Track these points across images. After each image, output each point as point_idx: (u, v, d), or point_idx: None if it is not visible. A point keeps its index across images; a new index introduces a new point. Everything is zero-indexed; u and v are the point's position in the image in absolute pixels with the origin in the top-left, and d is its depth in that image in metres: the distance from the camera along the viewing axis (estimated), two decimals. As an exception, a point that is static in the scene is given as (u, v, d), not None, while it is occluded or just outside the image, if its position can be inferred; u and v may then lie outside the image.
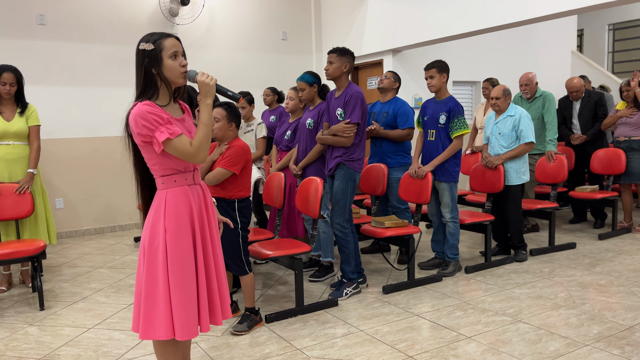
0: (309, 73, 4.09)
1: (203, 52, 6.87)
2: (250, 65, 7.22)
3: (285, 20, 7.46)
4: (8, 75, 3.95)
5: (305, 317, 3.44)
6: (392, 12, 6.41)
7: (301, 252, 3.44)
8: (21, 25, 5.76)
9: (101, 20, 6.19)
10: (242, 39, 7.15)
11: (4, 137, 3.96)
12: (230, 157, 3.07)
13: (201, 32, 6.83)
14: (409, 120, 4.49)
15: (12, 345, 3.08)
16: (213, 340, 3.10)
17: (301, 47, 7.62)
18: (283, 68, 7.47)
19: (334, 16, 7.44)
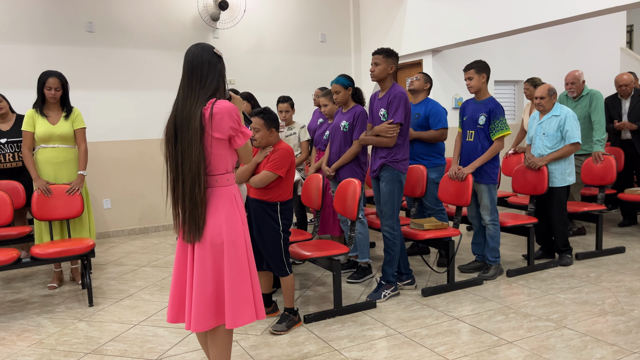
0: (343, 76, 4.10)
1: (243, 56, 6.99)
2: (289, 68, 7.29)
3: (323, 22, 7.50)
4: (53, 80, 4.13)
5: (344, 318, 3.45)
6: (432, 12, 6.34)
7: (339, 253, 3.46)
8: (72, 33, 6.02)
9: (146, 26, 6.39)
10: (281, 42, 7.23)
11: (49, 140, 4.13)
12: (276, 160, 3.12)
13: (241, 36, 6.95)
14: (441, 120, 4.44)
15: (62, 340, 3.23)
16: (253, 339, 3.15)
17: (340, 49, 7.64)
18: (322, 70, 7.50)
19: (372, 17, 7.42)
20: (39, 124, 4.10)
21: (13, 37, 5.76)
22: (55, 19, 5.93)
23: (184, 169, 2.16)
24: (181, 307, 2.30)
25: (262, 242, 3.19)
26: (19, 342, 3.21)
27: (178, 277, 2.29)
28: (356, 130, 4.02)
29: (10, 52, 5.75)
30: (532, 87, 5.65)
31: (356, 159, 4.07)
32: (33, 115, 4.11)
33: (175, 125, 2.18)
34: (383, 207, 3.72)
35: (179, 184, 2.19)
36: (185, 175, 2.16)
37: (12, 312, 3.74)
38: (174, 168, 2.20)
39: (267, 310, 3.49)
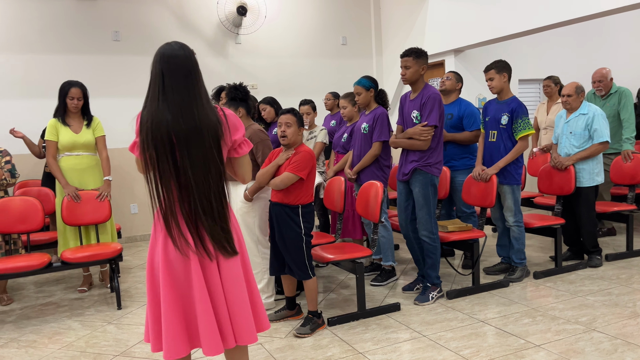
0: (366, 77, 4.10)
1: (264, 60, 7.04)
2: (310, 71, 7.32)
3: (344, 25, 7.50)
4: (76, 90, 4.23)
5: (367, 321, 3.44)
6: (454, 12, 6.29)
7: (362, 256, 3.46)
8: (98, 42, 6.16)
9: (169, 34, 6.50)
10: (302, 45, 7.27)
11: (73, 148, 4.24)
12: (298, 162, 3.14)
13: (263, 40, 7.01)
14: (476, 121, 4.39)
15: (92, 342, 3.30)
16: (277, 342, 3.17)
17: (361, 51, 7.63)
18: (343, 73, 7.51)
19: (393, 18, 7.40)
20: (62, 133, 4.20)
21: (42, 48, 5.92)
22: (82, 28, 6.09)
23: (200, 181, 1.96)
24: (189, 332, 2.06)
25: (284, 246, 3.21)
26: (50, 344, 3.30)
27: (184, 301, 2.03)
28: (376, 132, 4.01)
29: (40, 62, 5.92)
30: (553, 84, 5.54)
31: (377, 161, 4.06)
32: (56, 125, 4.22)
33: (174, 135, 1.93)
34: (419, 213, 3.68)
35: (195, 200, 1.95)
36: (204, 189, 1.96)
37: (43, 315, 3.85)
38: (182, 182, 1.96)
39: (291, 313, 3.51)
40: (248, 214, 3.60)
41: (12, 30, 5.79)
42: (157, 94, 1.96)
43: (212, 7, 6.67)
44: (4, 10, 5.74)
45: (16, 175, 4.14)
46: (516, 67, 6.68)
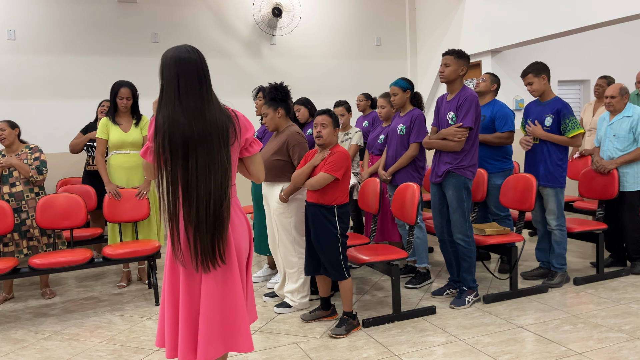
0: (402, 79, 4.09)
1: (299, 61, 7.08)
2: (344, 72, 7.32)
3: (379, 25, 7.48)
4: (125, 90, 4.34)
5: (403, 323, 3.42)
6: (491, 11, 6.19)
7: (398, 258, 3.44)
8: (138, 43, 6.31)
9: (206, 36, 6.61)
10: (336, 46, 7.28)
11: (122, 146, 4.35)
12: (334, 163, 3.14)
13: (297, 41, 7.05)
14: (508, 123, 4.31)
15: (132, 337, 3.38)
16: (312, 341, 3.18)
17: (395, 52, 7.59)
18: (377, 73, 7.48)
19: (429, 19, 7.33)
20: (112, 131, 4.32)
21: (84, 49, 6.10)
22: (123, 31, 6.24)
23: (203, 189, 1.92)
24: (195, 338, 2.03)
25: (320, 246, 3.22)
26: (93, 337, 3.40)
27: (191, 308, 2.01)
28: (413, 133, 3.99)
29: (81, 64, 6.10)
30: (607, 84, 5.37)
31: (413, 163, 4.03)
32: (107, 124, 4.34)
33: (190, 138, 1.92)
34: (453, 216, 3.64)
35: (193, 206, 1.92)
36: (205, 195, 1.92)
37: (85, 310, 3.96)
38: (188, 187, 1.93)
39: (325, 313, 3.52)
40: (284, 214, 3.63)
41: (56, 32, 5.98)
42: (173, 98, 1.94)
43: (248, 9, 6.75)
44: (48, 12, 5.94)
45: (43, 172, 4.23)
46: (555, 68, 6.54)
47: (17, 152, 4.24)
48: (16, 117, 5.81)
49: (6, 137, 4.16)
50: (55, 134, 5.92)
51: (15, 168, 4.14)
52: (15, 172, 4.16)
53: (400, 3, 7.57)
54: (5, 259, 3.74)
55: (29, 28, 5.88)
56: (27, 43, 5.88)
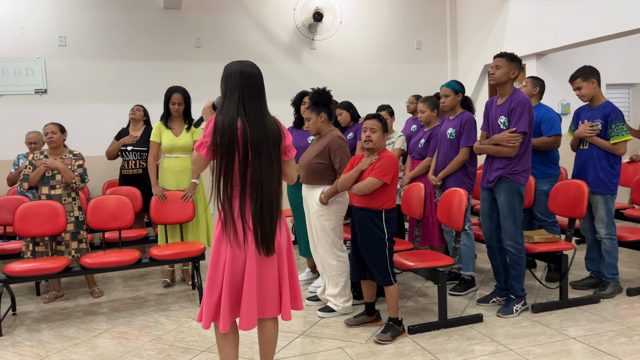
0: (455, 81, 4.04)
1: (339, 65, 7.09)
2: (384, 76, 7.29)
3: (419, 29, 7.42)
4: (177, 96, 4.44)
5: (449, 331, 3.37)
6: (537, 13, 6.06)
7: (444, 265, 3.39)
8: (181, 49, 6.45)
9: (248, 40, 6.69)
10: (376, 50, 7.26)
11: (172, 150, 4.44)
12: (382, 167, 3.13)
13: (337, 45, 7.06)
14: (554, 126, 4.20)
15: (179, 337, 3.44)
16: (357, 347, 3.16)
17: (436, 56, 7.52)
18: (417, 77, 7.43)
19: (471, 22, 7.23)
20: (164, 135, 4.42)
21: (130, 55, 6.27)
22: (167, 36, 6.39)
23: (265, 185, 2.25)
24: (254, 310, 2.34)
25: (367, 251, 3.21)
26: (141, 337, 3.47)
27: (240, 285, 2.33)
28: (463, 137, 3.92)
29: (127, 68, 6.27)
30: None
31: (464, 168, 3.97)
32: (160, 127, 4.45)
33: (251, 139, 2.23)
34: (503, 222, 3.57)
35: (258, 199, 2.25)
36: (267, 190, 2.26)
37: (132, 309, 4.05)
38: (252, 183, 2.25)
39: (370, 319, 3.50)
40: (323, 217, 3.63)
41: (104, 38, 6.17)
42: (236, 105, 2.25)
43: (289, 14, 6.81)
44: (96, 19, 6.13)
45: (86, 180, 4.32)
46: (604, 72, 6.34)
47: (60, 156, 4.35)
48: (66, 120, 6.01)
49: (55, 140, 4.29)
50: (102, 137, 6.09)
51: (58, 171, 4.25)
52: (58, 175, 4.26)
53: (441, 6, 7.50)
54: (58, 258, 3.87)
55: (78, 34, 6.08)
56: (77, 49, 6.08)
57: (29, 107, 5.94)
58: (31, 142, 5.05)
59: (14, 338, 3.52)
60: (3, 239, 4.85)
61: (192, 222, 4.50)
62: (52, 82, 6.01)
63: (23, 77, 5.90)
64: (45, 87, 5.98)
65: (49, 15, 5.97)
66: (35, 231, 4.04)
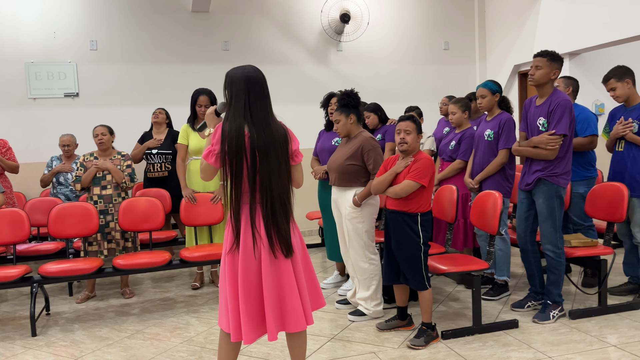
0: (492, 81, 3.96)
1: (365, 67, 7.05)
2: (411, 77, 7.22)
3: (446, 29, 7.33)
4: (203, 98, 4.46)
5: (484, 336, 3.29)
6: (569, 11, 5.92)
7: (479, 269, 3.32)
8: (209, 52, 6.49)
9: (275, 43, 6.70)
10: (403, 51, 7.19)
11: (199, 152, 4.45)
12: (420, 170, 3.09)
13: (363, 47, 7.02)
14: (590, 126, 4.08)
15: (210, 339, 3.44)
16: (390, 352, 3.12)
17: (464, 56, 7.42)
18: (445, 79, 7.34)
19: (500, 21, 7.11)
20: (191, 137, 4.45)
21: (159, 58, 6.34)
22: (195, 40, 6.44)
23: (275, 187, 2.24)
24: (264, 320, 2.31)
25: (401, 255, 3.16)
26: (172, 338, 3.48)
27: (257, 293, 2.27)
28: (502, 139, 3.84)
29: (157, 72, 6.33)
30: None
31: (502, 170, 3.88)
32: (187, 130, 4.48)
33: (258, 145, 2.22)
34: (542, 225, 3.48)
35: (269, 202, 2.24)
36: (277, 192, 2.25)
37: (163, 310, 4.07)
38: (262, 187, 2.23)
39: (402, 323, 3.45)
40: (356, 219, 3.60)
41: (133, 42, 6.25)
42: (242, 110, 2.24)
43: (315, 16, 6.80)
44: (126, 23, 6.22)
45: (135, 179, 4.42)
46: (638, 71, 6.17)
47: (110, 157, 4.43)
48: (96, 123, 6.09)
49: (105, 142, 4.37)
50: (132, 140, 6.15)
51: (109, 172, 4.33)
52: (108, 175, 4.34)
53: (469, 6, 7.39)
54: (91, 259, 3.91)
55: (109, 38, 6.17)
56: (107, 52, 6.17)
57: (61, 110, 6.05)
58: (64, 145, 5.14)
59: (48, 338, 3.57)
60: (37, 239, 4.95)
61: (220, 224, 4.51)
62: (83, 86, 6.11)
63: (56, 81, 6.01)
64: (77, 90, 6.09)
65: (80, 20, 6.07)
66: (68, 232, 4.11)
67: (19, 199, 5.41)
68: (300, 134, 6.84)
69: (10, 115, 5.88)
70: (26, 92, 5.93)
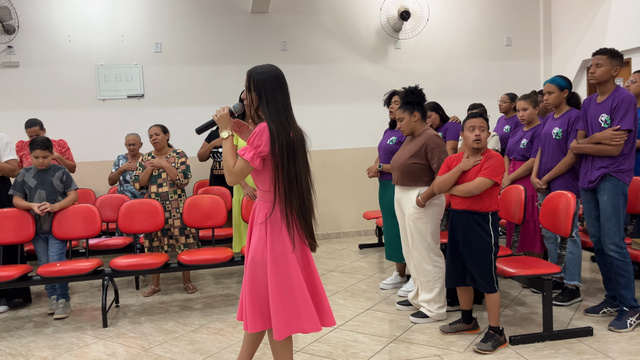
0: (560, 76, 3.79)
1: (423, 64, 6.93)
2: (471, 75, 7.03)
3: (509, 24, 7.09)
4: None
5: (555, 343, 3.15)
6: (645, 4, 5.58)
7: (550, 273, 3.18)
8: (268, 52, 6.57)
9: (332, 42, 6.70)
10: (463, 47, 7.02)
11: None
12: (493, 167, 3.00)
13: (422, 44, 6.90)
14: None
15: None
16: (455, 355, 3.03)
17: (527, 52, 7.15)
18: (507, 75, 7.10)
19: (567, 14, 6.80)
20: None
21: (220, 59, 6.47)
22: (254, 40, 6.53)
23: (304, 184, 2.28)
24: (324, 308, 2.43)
25: (471, 256, 3.06)
26: (236, 334, 3.53)
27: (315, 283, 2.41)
28: (571, 137, 3.67)
29: (217, 73, 6.47)
30: None
31: (572, 170, 3.71)
32: None
33: (293, 142, 2.24)
34: (606, 224, 3.32)
35: (305, 199, 2.28)
36: (307, 188, 2.30)
37: (225, 306, 4.15)
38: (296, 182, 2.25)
39: (466, 327, 3.35)
40: (420, 219, 3.53)
41: (195, 43, 6.41)
42: (282, 109, 2.26)
43: (373, 14, 6.74)
44: (189, 26, 6.39)
45: (189, 176, 4.50)
46: None
47: (165, 155, 4.56)
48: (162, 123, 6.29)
49: (159, 141, 4.50)
50: (194, 140, 6.32)
51: (164, 170, 4.46)
52: (164, 173, 4.48)
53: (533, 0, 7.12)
54: (158, 254, 4.04)
55: (172, 41, 6.36)
56: (171, 55, 6.37)
57: (128, 111, 6.29)
58: (130, 144, 5.34)
59: (118, 329, 3.71)
60: (106, 234, 5.16)
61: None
62: (148, 87, 6.33)
63: (123, 83, 6.26)
64: (142, 92, 6.31)
65: (146, 24, 6.29)
66: (137, 228, 4.26)
67: (88, 196, 5.67)
68: (358, 133, 6.83)
69: (82, 116, 6.17)
70: (96, 93, 6.20)
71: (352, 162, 6.83)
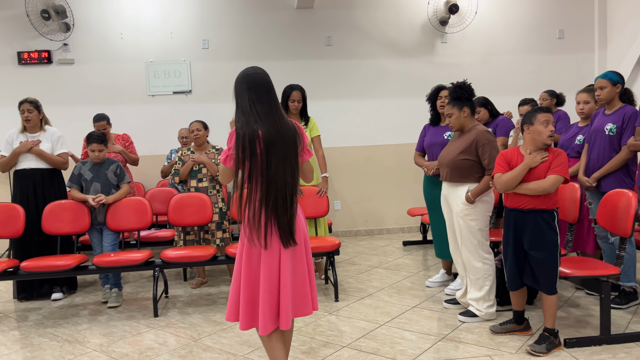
0: (613, 72, 3.63)
1: (472, 58, 6.78)
2: (521, 69, 6.83)
3: (562, 17, 6.84)
4: (297, 93, 4.49)
5: (613, 348, 3.02)
6: None
7: (609, 274, 3.05)
8: (312, 47, 6.57)
9: (377, 37, 6.64)
10: (513, 41, 6.82)
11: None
12: (563, 164, 2.92)
13: (470, 39, 6.75)
14: None
15: (319, 330, 3.48)
16: (507, 356, 2.96)
17: (581, 45, 6.88)
18: (559, 69, 6.86)
19: (624, 5, 6.50)
20: None
21: (265, 55, 6.53)
22: (299, 36, 6.55)
23: (279, 180, 2.25)
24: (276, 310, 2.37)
25: (540, 256, 2.95)
26: (282, 327, 3.56)
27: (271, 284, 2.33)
28: (626, 133, 3.52)
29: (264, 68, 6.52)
30: None
31: (626, 167, 3.56)
32: None
33: (270, 139, 2.25)
34: None
35: (272, 194, 2.25)
36: (281, 185, 2.26)
37: (271, 299, 4.19)
38: (267, 178, 2.24)
39: (518, 327, 3.26)
40: (469, 216, 3.45)
41: (242, 40, 6.48)
42: (248, 107, 2.29)
43: (418, 9, 6.64)
44: (235, 22, 6.46)
45: None
46: None
47: (205, 150, 4.63)
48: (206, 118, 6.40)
49: (200, 137, 4.58)
50: (238, 134, 6.41)
51: (204, 165, 4.53)
52: (204, 169, 4.54)
53: (587, -10, 6.85)
54: (207, 247, 4.11)
55: (219, 37, 6.45)
56: (218, 51, 6.46)
57: (176, 106, 6.43)
58: (183, 137, 5.47)
59: (169, 319, 3.80)
60: (155, 226, 5.30)
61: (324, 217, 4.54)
62: (195, 83, 6.45)
63: (171, 79, 6.40)
64: (190, 87, 6.43)
65: (194, 21, 6.40)
66: (186, 221, 4.35)
67: (138, 189, 5.83)
68: (402, 129, 6.75)
69: (133, 111, 6.35)
70: (146, 89, 6.37)
71: (395, 158, 6.76)
